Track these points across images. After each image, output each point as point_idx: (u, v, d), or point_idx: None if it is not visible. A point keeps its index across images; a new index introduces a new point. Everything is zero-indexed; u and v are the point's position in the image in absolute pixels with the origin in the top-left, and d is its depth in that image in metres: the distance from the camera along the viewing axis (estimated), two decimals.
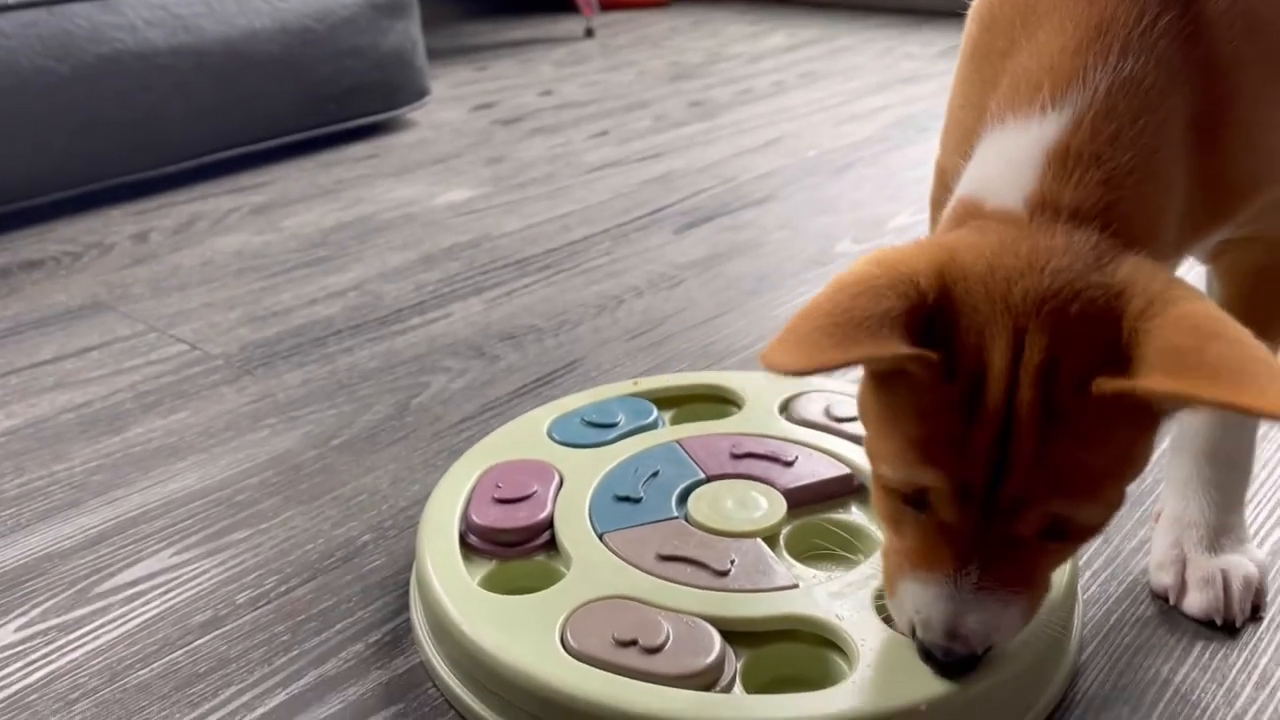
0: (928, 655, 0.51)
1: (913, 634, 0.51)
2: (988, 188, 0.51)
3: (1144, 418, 0.46)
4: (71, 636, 0.65)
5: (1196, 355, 0.41)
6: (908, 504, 0.49)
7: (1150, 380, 0.41)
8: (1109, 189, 0.48)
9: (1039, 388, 0.44)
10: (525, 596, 0.60)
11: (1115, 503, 0.48)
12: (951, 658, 0.50)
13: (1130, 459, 0.47)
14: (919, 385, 0.46)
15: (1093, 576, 0.68)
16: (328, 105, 1.68)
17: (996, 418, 0.45)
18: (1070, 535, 0.48)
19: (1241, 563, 0.64)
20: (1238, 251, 0.61)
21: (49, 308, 1.14)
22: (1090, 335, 0.44)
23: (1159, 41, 0.49)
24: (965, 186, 0.53)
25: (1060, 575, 0.59)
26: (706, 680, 0.54)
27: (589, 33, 2.70)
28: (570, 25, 2.80)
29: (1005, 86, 0.52)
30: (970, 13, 0.59)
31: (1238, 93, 0.51)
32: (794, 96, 2.00)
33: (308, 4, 1.61)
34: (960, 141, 0.55)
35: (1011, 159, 0.50)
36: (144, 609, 0.68)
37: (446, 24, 2.87)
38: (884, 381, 0.48)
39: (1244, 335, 0.42)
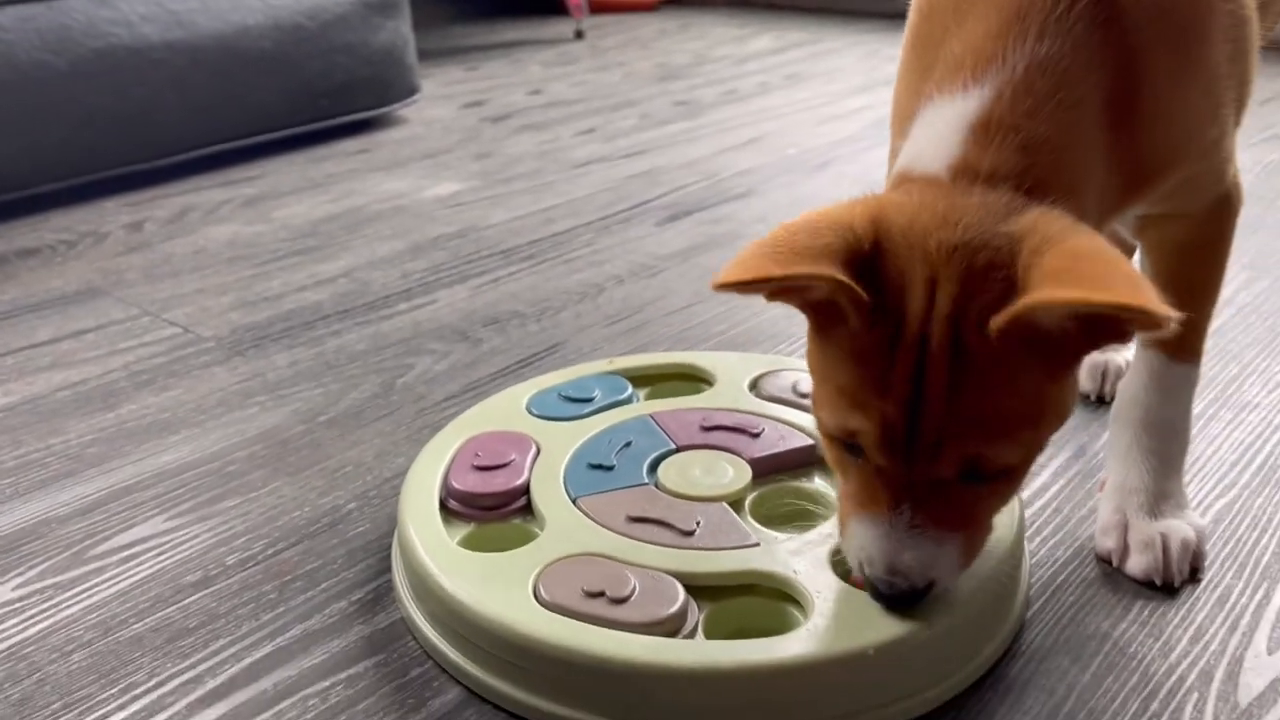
0: (875, 591, 0.55)
1: (861, 571, 0.55)
2: (918, 159, 0.55)
3: (1051, 357, 0.49)
4: (67, 594, 0.68)
5: (1073, 272, 0.45)
6: (847, 450, 0.53)
7: (1028, 297, 0.45)
8: (1024, 154, 0.52)
9: (948, 332, 0.48)
10: (500, 554, 0.64)
11: (1031, 445, 0.52)
12: (894, 591, 0.54)
13: (1043, 401, 0.50)
14: (850, 333, 0.50)
15: (1042, 542, 0.71)
16: (319, 101, 1.71)
17: (912, 362, 0.49)
18: (992, 477, 0.52)
19: (1180, 527, 0.67)
20: (1160, 227, 0.65)
21: (45, 293, 1.17)
22: (993, 278, 0.48)
23: (1075, 25, 0.53)
24: (900, 161, 0.57)
25: (1008, 530, 0.62)
26: (669, 628, 0.58)
27: (579, 34, 2.74)
28: (560, 27, 2.84)
29: (937, 70, 0.56)
30: (911, 4, 0.63)
31: (1147, 75, 0.55)
32: (777, 97, 2.04)
33: (300, 1, 1.64)
34: (902, 123, 0.59)
35: (938, 132, 0.54)
36: (137, 569, 0.71)
37: (438, 25, 2.91)
38: (823, 331, 0.53)
39: (1119, 258, 0.46)
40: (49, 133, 1.41)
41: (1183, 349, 0.68)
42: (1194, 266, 0.66)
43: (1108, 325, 0.47)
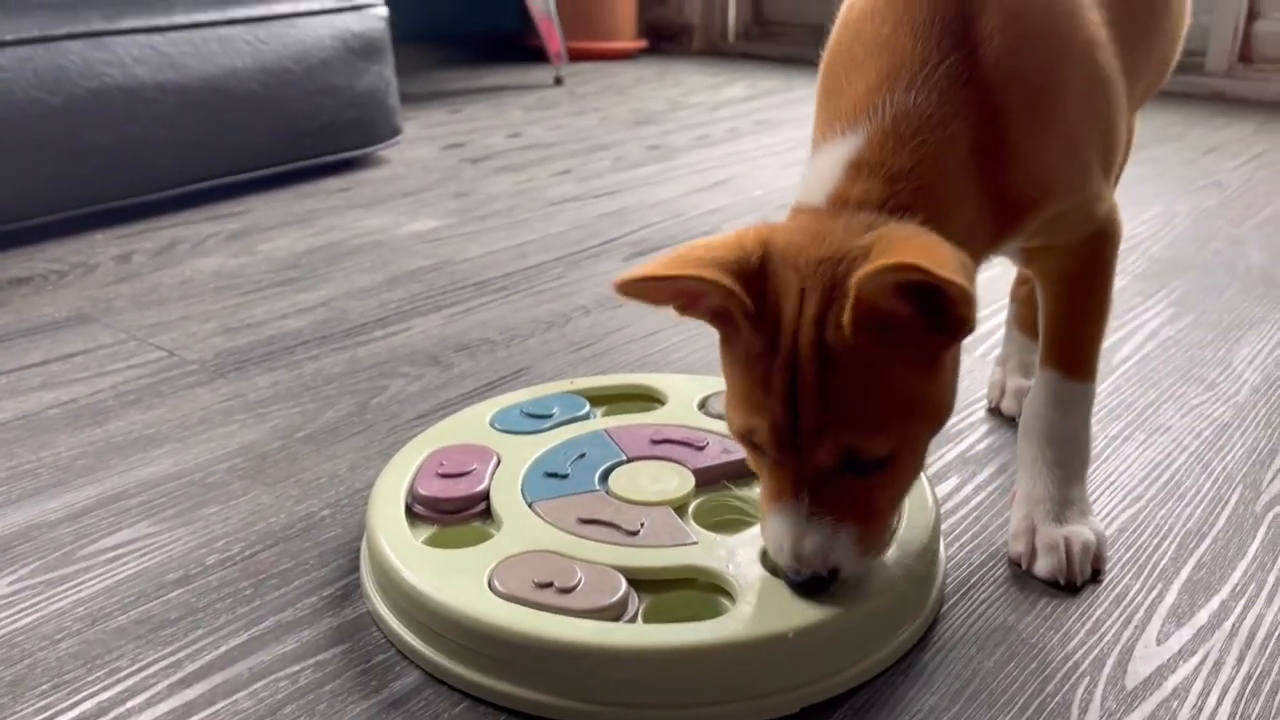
0: (786, 579, 0.61)
1: (777, 561, 0.61)
2: (806, 194, 0.62)
3: (905, 349, 0.56)
4: (57, 590, 0.74)
5: (894, 253, 0.52)
6: (754, 449, 0.60)
7: (854, 278, 0.52)
8: (888, 184, 0.60)
9: (814, 335, 0.56)
10: (459, 550, 0.69)
11: (905, 436, 0.58)
12: (800, 577, 0.60)
13: (909, 395, 0.57)
14: (744, 340, 0.58)
15: (960, 547, 0.77)
16: (304, 141, 1.78)
17: (788, 364, 0.56)
18: (873, 466, 0.58)
19: (1082, 531, 0.73)
20: (1044, 258, 0.73)
21: (37, 319, 1.23)
22: (846, 282, 0.54)
23: (940, 81, 0.61)
24: (795, 197, 0.65)
25: (922, 531, 0.69)
26: (611, 615, 0.63)
27: (558, 81, 2.83)
28: (541, 73, 2.93)
29: (828, 121, 0.64)
30: (820, 67, 0.70)
31: (1009, 125, 0.62)
32: (747, 142, 2.12)
33: (287, 45, 1.72)
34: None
35: (820, 171, 0.62)
36: (122, 568, 0.76)
37: (422, 70, 3.00)
38: (726, 341, 0.61)
39: (944, 244, 0.54)
40: (43, 167, 1.47)
41: (1076, 368, 0.75)
42: (1079, 293, 0.74)
43: (940, 308, 0.54)
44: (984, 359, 1.10)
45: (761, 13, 3.48)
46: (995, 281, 1.23)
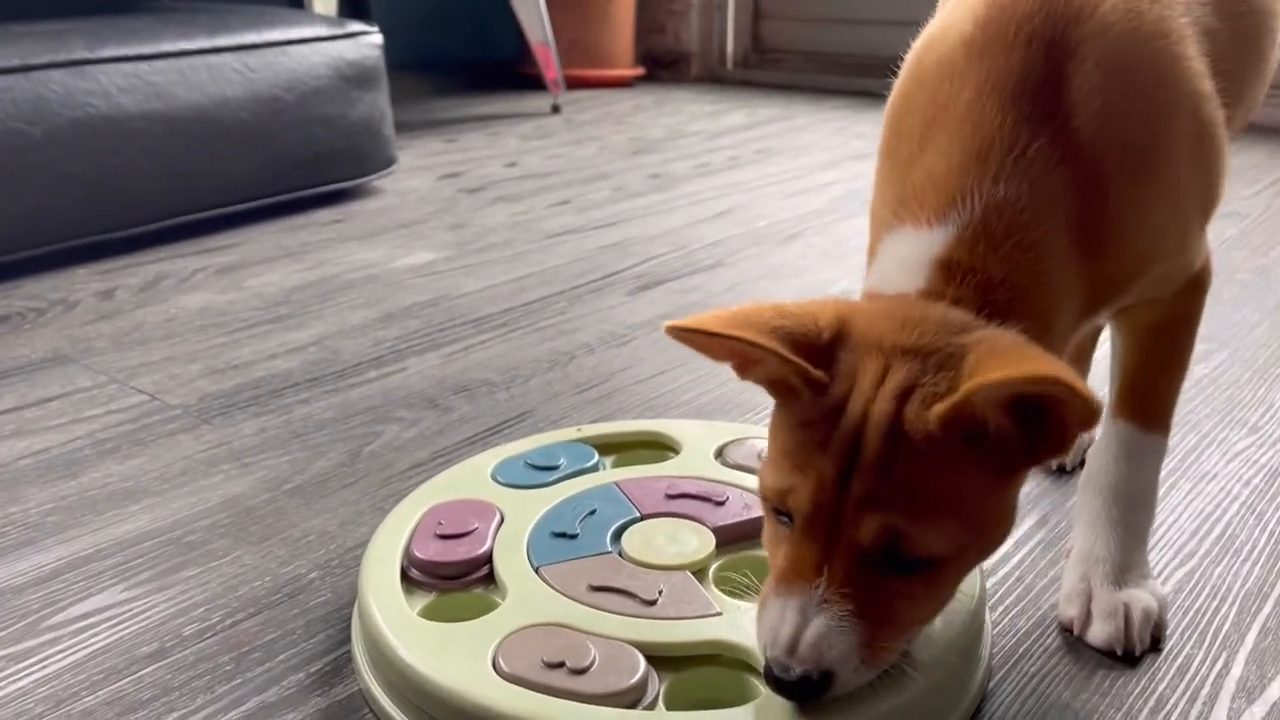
0: (771, 677, 0.53)
1: (764, 655, 0.54)
2: (886, 282, 0.57)
3: (989, 460, 0.51)
4: (19, 666, 0.67)
5: (1009, 363, 0.48)
6: (779, 517, 0.54)
7: (969, 382, 0.48)
8: (983, 292, 0.54)
9: (892, 410, 0.50)
10: (460, 624, 0.63)
11: (956, 544, 0.52)
12: (788, 676, 0.52)
13: (975, 503, 0.52)
14: (802, 405, 0.52)
15: (1004, 611, 0.71)
16: (295, 172, 1.73)
17: (853, 431, 0.51)
18: (911, 565, 0.51)
19: (1143, 596, 0.67)
20: (1130, 314, 0.67)
21: (12, 360, 1.17)
22: (941, 376, 0.50)
23: (1032, 166, 0.55)
24: (869, 281, 0.59)
25: (968, 600, 0.62)
26: (630, 699, 0.57)
27: (555, 109, 2.79)
28: (538, 102, 2.88)
29: (903, 195, 0.58)
30: (885, 113, 0.65)
31: (1112, 201, 0.57)
32: (748, 171, 2.07)
33: (278, 74, 1.67)
34: (874, 234, 0.62)
35: (904, 264, 0.57)
36: (92, 641, 0.70)
37: (417, 98, 2.95)
38: (782, 404, 0.54)
39: (1054, 358, 0.49)
40: (22, 200, 1.41)
41: (1152, 420, 0.69)
42: (1163, 344, 0.68)
43: (1046, 425, 0.49)
44: None
45: (760, 40, 3.44)
46: None
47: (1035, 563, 0.77)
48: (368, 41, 1.81)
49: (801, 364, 0.51)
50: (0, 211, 1.39)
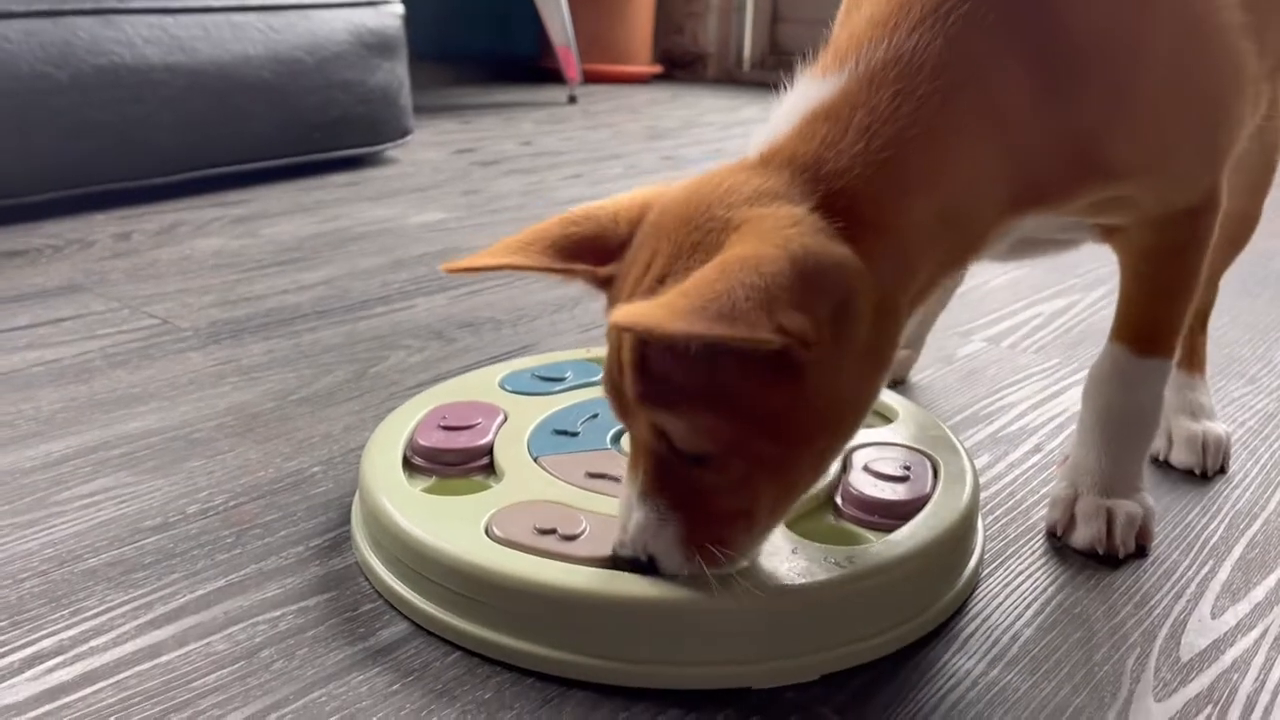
0: (614, 552, 0.55)
1: None
2: (755, 140, 0.54)
3: (748, 355, 0.47)
4: (26, 532, 0.68)
5: (690, 292, 0.43)
6: None
7: (619, 313, 0.43)
8: (837, 143, 0.51)
9: (646, 298, 0.47)
10: (456, 497, 0.64)
11: (718, 435, 0.49)
12: (621, 552, 0.54)
13: (739, 395, 0.48)
14: None
15: (994, 520, 0.72)
16: (313, 134, 1.75)
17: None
18: (698, 460, 0.51)
19: (1127, 503, 0.68)
20: (1122, 236, 0.66)
21: (28, 286, 1.19)
22: (693, 259, 0.48)
23: (957, 23, 0.52)
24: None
25: (959, 499, 0.64)
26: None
27: (572, 99, 2.81)
28: (555, 93, 2.91)
29: (825, 51, 0.56)
30: None
31: (1051, 91, 0.54)
32: None
33: (300, 36, 1.69)
34: None
35: (779, 115, 0.54)
36: (97, 514, 0.71)
37: (437, 87, 2.98)
38: None
39: (746, 271, 0.44)
40: (45, 142, 1.43)
41: (1146, 344, 0.68)
42: (1157, 270, 0.66)
43: None
44: (1013, 349, 1.05)
45: (777, 42, 3.47)
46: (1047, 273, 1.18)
47: (1027, 481, 0.78)
48: (389, 11, 1.84)
49: (575, 268, 0.52)
50: (23, 152, 1.42)
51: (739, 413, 0.49)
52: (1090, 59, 0.55)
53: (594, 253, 0.54)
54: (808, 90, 0.53)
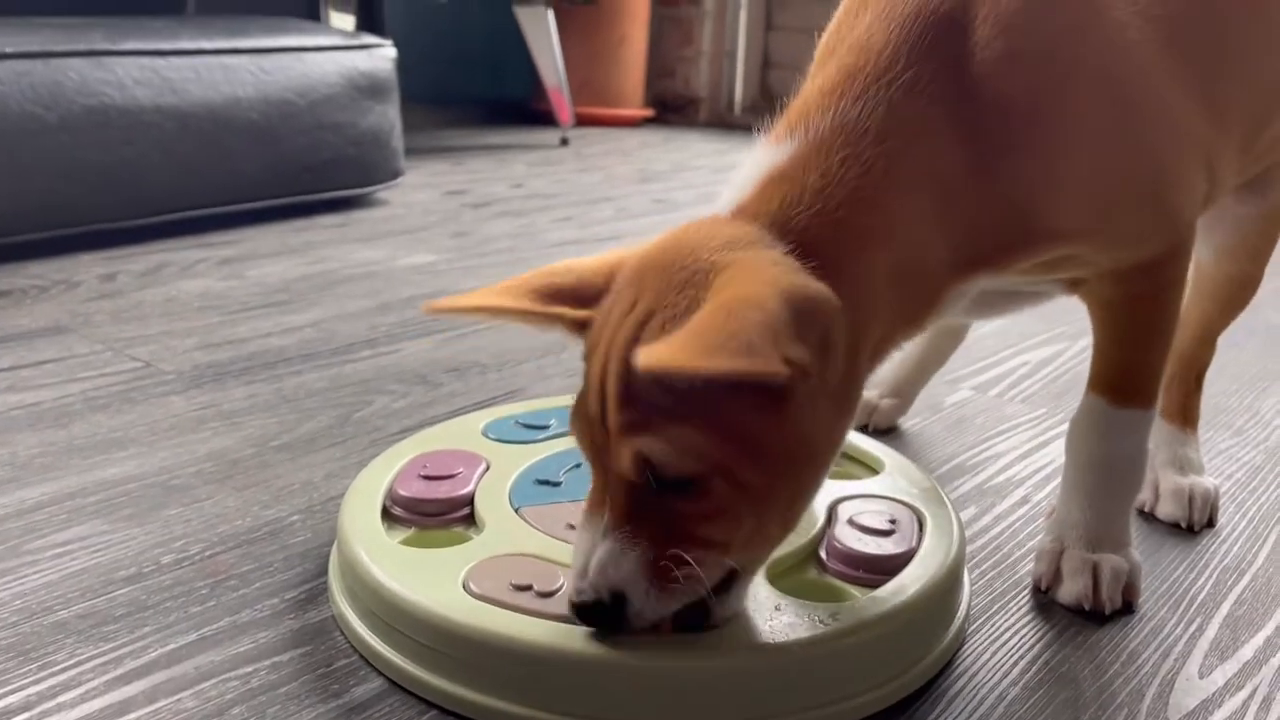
0: (571, 605, 0.53)
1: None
2: (722, 201, 0.57)
3: (738, 388, 0.48)
4: None
5: (699, 332, 0.45)
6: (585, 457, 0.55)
7: (641, 355, 0.44)
8: (794, 205, 0.53)
9: (632, 333, 0.50)
10: (434, 550, 0.63)
11: (709, 458, 0.49)
12: (580, 598, 0.52)
13: (730, 419, 0.49)
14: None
15: (981, 575, 0.71)
16: (302, 175, 1.75)
17: (603, 363, 0.51)
18: (674, 485, 0.50)
19: (1114, 558, 0.67)
20: (1090, 287, 0.66)
21: (11, 329, 1.18)
22: (682, 296, 0.50)
23: (899, 92, 0.55)
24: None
25: (945, 553, 0.63)
26: None
27: (564, 142, 2.83)
28: (546, 135, 2.93)
29: (783, 116, 0.59)
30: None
31: (989, 156, 0.56)
32: None
33: (292, 78, 1.70)
34: None
35: (741, 177, 0.56)
36: (70, 563, 0.70)
37: (429, 128, 2.99)
38: None
39: (753, 311, 0.45)
40: (33, 183, 1.43)
41: (1122, 395, 0.67)
42: (1126, 320, 0.67)
43: None
44: (1000, 397, 1.05)
45: (768, 86, 3.50)
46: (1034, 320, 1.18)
47: (1014, 534, 0.77)
48: (381, 54, 1.85)
49: (553, 311, 0.53)
50: (10, 193, 1.42)
51: (726, 432, 0.49)
52: (1020, 126, 0.57)
53: (572, 300, 0.55)
54: (765, 155, 0.57)
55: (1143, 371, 0.68)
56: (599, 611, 0.52)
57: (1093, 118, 0.59)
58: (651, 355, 0.43)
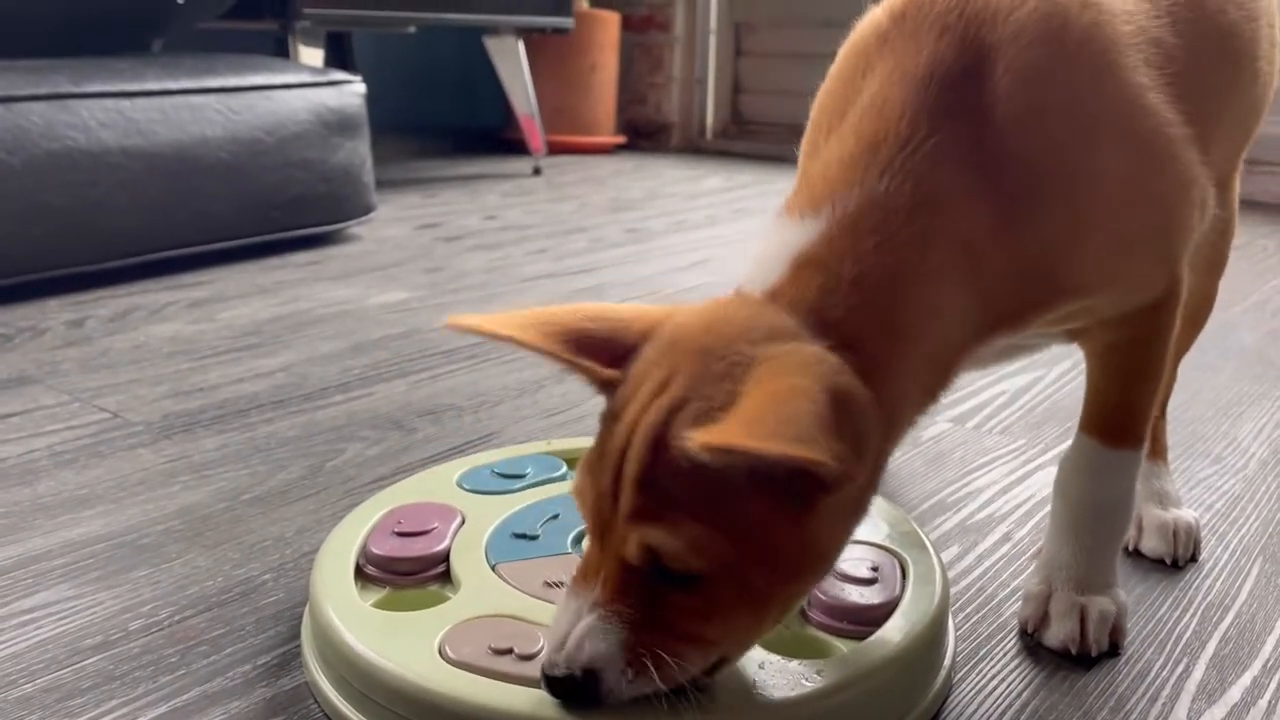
0: (543, 676, 0.51)
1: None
2: (748, 279, 0.54)
3: (763, 486, 0.47)
4: None
5: (756, 421, 0.44)
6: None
7: (694, 438, 0.43)
8: (829, 293, 0.51)
9: (660, 418, 0.48)
10: (409, 613, 0.62)
11: (719, 558, 0.48)
12: (553, 671, 0.50)
13: (747, 523, 0.48)
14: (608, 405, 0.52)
15: (965, 618, 0.71)
16: (272, 214, 1.74)
17: (627, 436, 0.49)
18: (678, 580, 0.49)
19: (1101, 600, 0.67)
20: (1090, 332, 0.66)
21: None
22: (719, 387, 0.48)
23: (924, 162, 0.53)
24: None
25: (929, 602, 0.62)
26: None
27: (537, 171, 2.82)
28: (519, 164, 2.92)
29: (799, 187, 0.57)
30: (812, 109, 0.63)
31: (1015, 219, 0.54)
32: (725, 227, 2.10)
33: (260, 116, 1.69)
34: None
35: (765, 258, 0.54)
36: (35, 633, 0.68)
37: (399, 158, 2.99)
38: None
39: (811, 404, 0.45)
40: None
41: (1115, 437, 0.67)
42: (1123, 363, 0.66)
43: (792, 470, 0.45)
44: (978, 429, 1.05)
45: (739, 112, 3.51)
46: None
47: (997, 574, 0.76)
48: (350, 89, 1.84)
49: (582, 363, 0.51)
50: None
51: (741, 535, 0.48)
52: (1044, 186, 0.56)
53: (604, 353, 0.52)
54: (792, 234, 0.54)
55: (1137, 411, 0.67)
56: (570, 686, 0.51)
57: (1114, 171, 0.58)
58: (716, 436, 0.42)
